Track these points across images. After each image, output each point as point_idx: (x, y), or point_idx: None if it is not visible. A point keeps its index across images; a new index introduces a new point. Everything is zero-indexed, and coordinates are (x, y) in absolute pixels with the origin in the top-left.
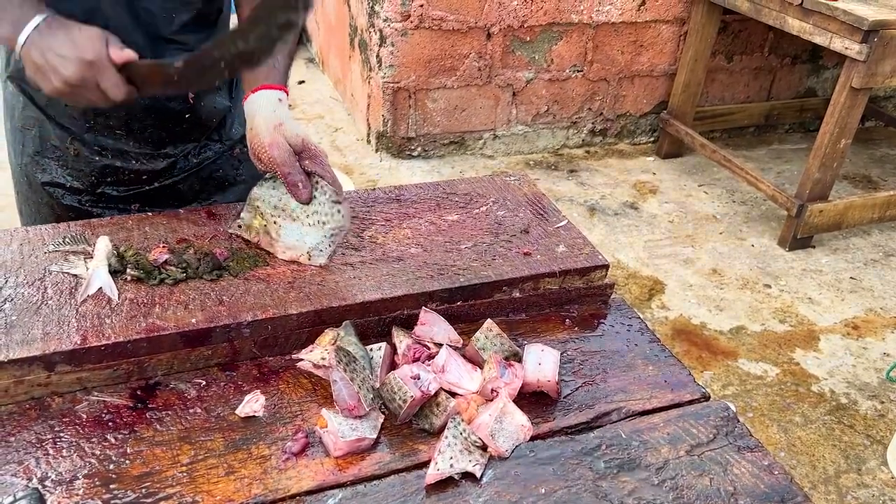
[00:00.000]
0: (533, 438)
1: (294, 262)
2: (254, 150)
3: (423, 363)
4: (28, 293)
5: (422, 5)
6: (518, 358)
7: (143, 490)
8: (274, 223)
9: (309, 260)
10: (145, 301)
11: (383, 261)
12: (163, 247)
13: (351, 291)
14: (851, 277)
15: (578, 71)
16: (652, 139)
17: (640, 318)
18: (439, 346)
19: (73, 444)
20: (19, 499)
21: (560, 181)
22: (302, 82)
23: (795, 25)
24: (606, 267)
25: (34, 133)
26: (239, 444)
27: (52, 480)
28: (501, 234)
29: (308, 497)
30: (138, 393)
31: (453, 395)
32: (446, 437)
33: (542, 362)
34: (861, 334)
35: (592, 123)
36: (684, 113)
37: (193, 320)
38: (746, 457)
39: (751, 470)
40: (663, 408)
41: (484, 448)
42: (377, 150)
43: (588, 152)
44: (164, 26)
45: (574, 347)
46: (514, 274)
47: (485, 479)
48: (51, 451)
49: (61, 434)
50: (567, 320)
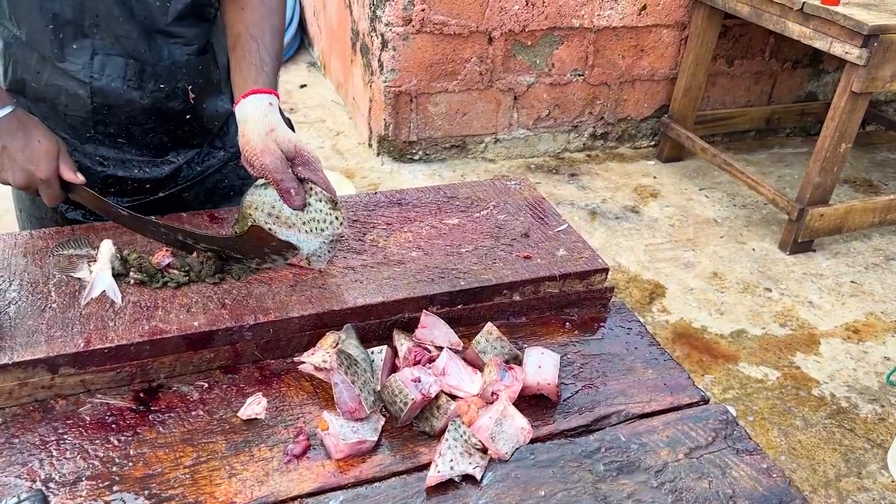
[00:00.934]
0: (533, 441)
1: (294, 265)
2: (245, 156)
3: (423, 366)
4: (32, 296)
5: (423, 10)
6: (518, 361)
7: (146, 492)
8: (269, 231)
9: (309, 265)
10: (148, 304)
11: (384, 264)
12: (166, 250)
13: (352, 294)
14: (852, 281)
15: (579, 75)
16: (653, 143)
17: (639, 321)
18: (440, 349)
19: (77, 446)
20: (23, 500)
21: (561, 185)
22: (304, 86)
23: (796, 30)
24: (606, 270)
25: None
26: (241, 447)
27: (55, 482)
28: (502, 237)
29: (309, 499)
30: (141, 395)
31: (454, 397)
32: (447, 440)
33: (542, 365)
34: (862, 338)
35: (593, 127)
36: (685, 117)
37: (196, 323)
38: (745, 460)
39: (749, 473)
40: (662, 411)
41: (484, 450)
42: (378, 154)
43: (589, 156)
44: (158, 18)
45: (574, 351)
46: (515, 277)
47: (485, 482)
48: (54, 453)
49: (65, 436)
50: (567, 324)
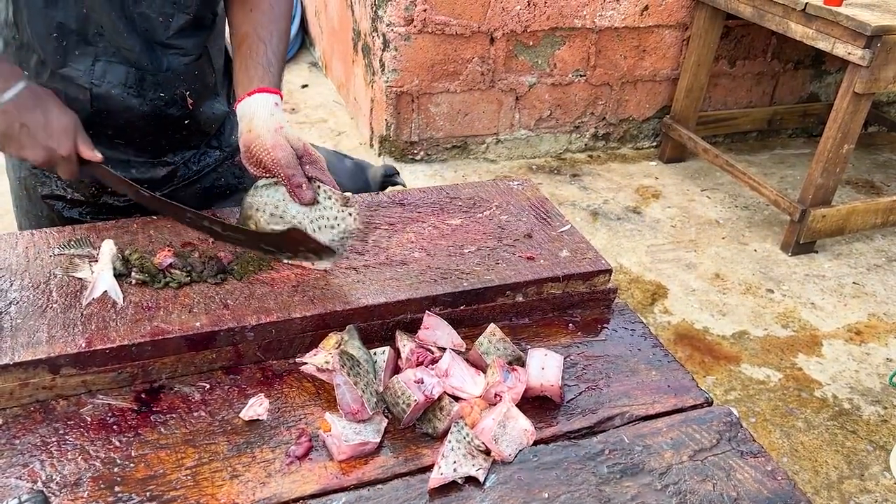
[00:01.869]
0: (536, 443)
1: (298, 265)
2: (253, 152)
3: (426, 367)
4: (33, 296)
5: (425, 10)
6: (521, 362)
7: (148, 493)
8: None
9: (314, 265)
10: (150, 304)
11: (387, 265)
12: (168, 250)
13: (355, 295)
14: (854, 283)
15: (581, 76)
16: (654, 144)
17: (643, 322)
18: (443, 350)
19: (78, 446)
20: (25, 501)
21: (562, 185)
22: (305, 86)
23: (798, 30)
24: (610, 272)
25: None
26: (243, 448)
27: (56, 483)
28: (505, 238)
29: (311, 501)
30: (143, 396)
31: (457, 399)
32: (450, 442)
33: (545, 367)
34: (864, 339)
35: (595, 128)
36: (687, 118)
37: (198, 324)
38: (749, 462)
39: (754, 475)
40: (666, 413)
41: (487, 452)
42: (380, 154)
43: (591, 157)
44: (160, 31)
45: (577, 352)
46: (518, 278)
47: (488, 484)
48: (55, 454)
49: (66, 437)
50: (570, 325)
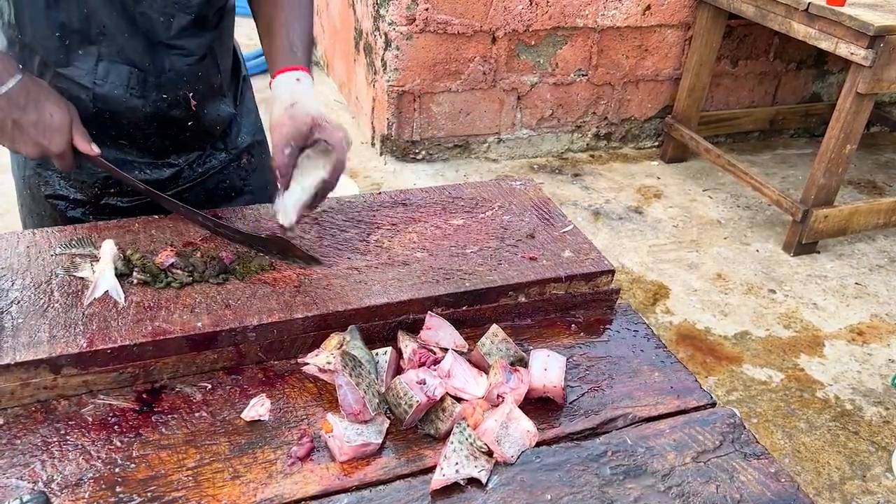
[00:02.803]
0: (539, 444)
1: (300, 267)
2: (280, 130)
3: (428, 368)
4: (35, 296)
5: (427, 9)
6: (524, 363)
7: (149, 494)
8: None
9: (279, 223)
10: (151, 304)
11: (389, 265)
12: (170, 250)
13: (357, 295)
14: (856, 283)
15: (583, 75)
16: (656, 143)
17: (645, 323)
18: (445, 350)
19: (79, 447)
20: (26, 502)
21: (564, 185)
22: None
23: (801, 30)
24: (612, 272)
25: None
26: (244, 449)
27: (57, 483)
28: (507, 238)
29: (313, 502)
30: (144, 396)
31: (459, 400)
32: (452, 443)
33: (548, 368)
34: (866, 340)
35: (597, 128)
36: (689, 117)
37: (199, 324)
38: (753, 464)
39: (757, 477)
40: (669, 414)
41: (489, 454)
42: (381, 154)
43: (592, 156)
44: (162, 31)
45: (580, 353)
46: (520, 279)
47: (490, 485)
48: (56, 454)
49: (67, 437)
50: (573, 325)
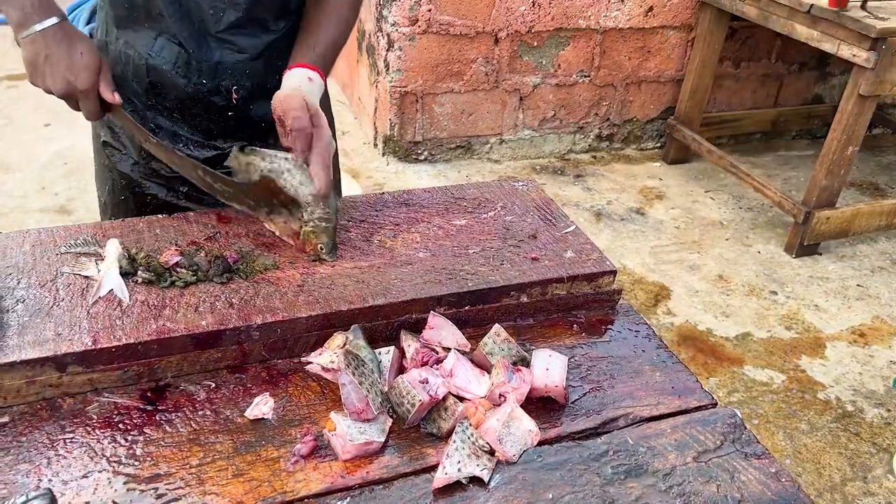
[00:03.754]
0: (540, 444)
1: (302, 261)
2: (273, 106)
3: (431, 367)
4: (40, 294)
5: (430, 10)
6: (526, 363)
7: (153, 491)
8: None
9: (321, 254)
10: (156, 303)
11: (392, 265)
12: (174, 249)
13: (360, 295)
14: (858, 285)
15: (585, 76)
16: (658, 145)
17: (647, 324)
18: (447, 350)
19: (84, 444)
20: (32, 499)
21: (566, 186)
22: None
23: (803, 32)
24: (614, 273)
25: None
26: (248, 447)
27: (62, 481)
28: (509, 239)
29: (316, 500)
30: (148, 394)
31: (461, 399)
32: (454, 442)
33: (549, 367)
34: (868, 342)
35: (599, 129)
36: (691, 119)
37: (203, 323)
38: (754, 464)
39: (758, 477)
40: (670, 414)
41: (492, 453)
42: (384, 154)
43: (594, 157)
44: (211, 24)
45: (582, 353)
46: (523, 279)
47: (492, 484)
48: (62, 452)
49: (72, 435)
50: (575, 326)
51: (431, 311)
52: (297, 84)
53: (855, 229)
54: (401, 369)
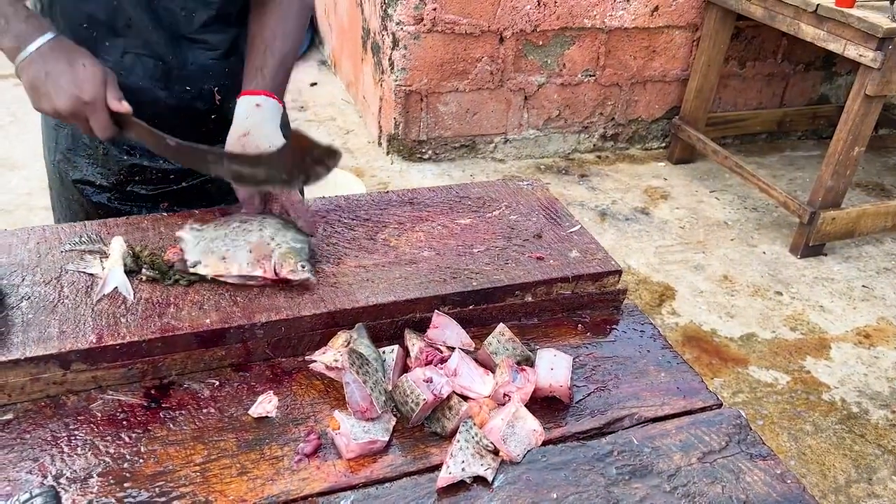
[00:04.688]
0: (545, 443)
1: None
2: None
3: (435, 366)
4: (45, 292)
5: (435, 9)
6: (530, 363)
7: (157, 489)
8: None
9: (297, 273)
10: (160, 301)
11: (396, 263)
12: (178, 248)
13: (364, 294)
14: (863, 286)
15: (590, 76)
16: (663, 145)
17: (652, 324)
18: (452, 349)
19: (88, 442)
20: (36, 496)
21: (571, 186)
22: (314, 84)
23: (809, 32)
24: (619, 272)
25: (67, 131)
26: (252, 445)
27: (66, 478)
28: (514, 238)
29: (320, 499)
30: (152, 392)
31: (465, 398)
32: (458, 441)
33: (554, 367)
34: (873, 343)
35: (604, 128)
36: (696, 119)
37: (208, 321)
38: (759, 465)
39: (763, 478)
40: (675, 414)
41: (496, 452)
42: (388, 153)
43: (599, 157)
44: (184, 25)
45: (586, 353)
46: (527, 278)
47: (496, 484)
48: (66, 449)
49: (76, 432)
50: (579, 325)
51: (436, 311)
52: (242, 125)
53: (860, 230)
54: (405, 368)
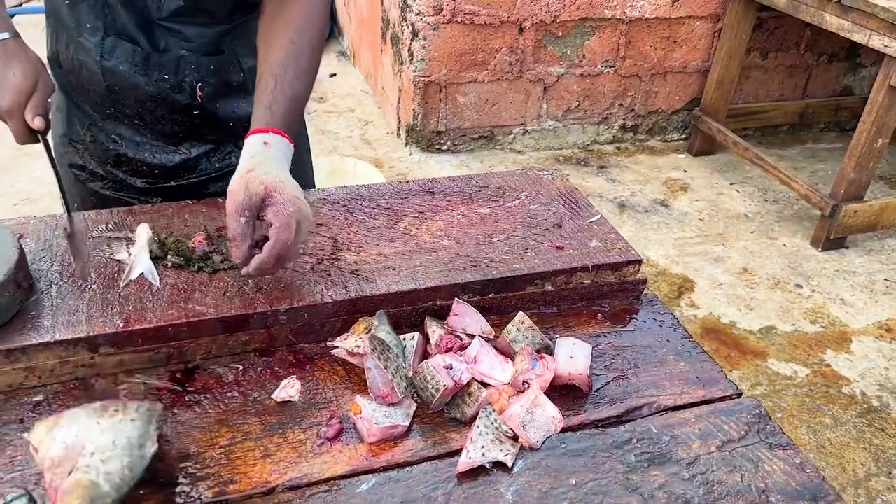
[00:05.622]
0: (564, 430)
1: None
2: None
3: (455, 353)
4: (73, 277)
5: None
6: (549, 351)
7: (183, 471)
8: None
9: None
10: (185, 287)
11: (417, 252)
12: (203, 235)
13: (385, 281)
14: (886, 279)
15: (610, 66)
16: (683, 136)
17: (671, 314)
18: (471, 337)
19: None
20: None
21: (590, 177)
22: (333, 75)
23: (833, 22)
24: (639, 262)
25: (63, 116)
26: (275, 428)
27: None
28: (534, 227)
29: (342, 482)
30: (178, 376)
31: (485, 385)
32: (478, 427)
33: (573, 356)
34: (894, 337)
35: (623, 119)
36: (717, 110)
37: (232, 307)
38: (778, 454)
39: (782, 467)
40: (694, 403)
41: (515, 438)
42: (407, 144)
43: (618, 148)
44: (153, 10)
45: (606, 342)
46: (547, 268)
47: (516, 469)
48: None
49: None
50: (599, 315)
51: (456, 298)
52: (248, 162)
53: (883, 223)
54: (425, 355)
